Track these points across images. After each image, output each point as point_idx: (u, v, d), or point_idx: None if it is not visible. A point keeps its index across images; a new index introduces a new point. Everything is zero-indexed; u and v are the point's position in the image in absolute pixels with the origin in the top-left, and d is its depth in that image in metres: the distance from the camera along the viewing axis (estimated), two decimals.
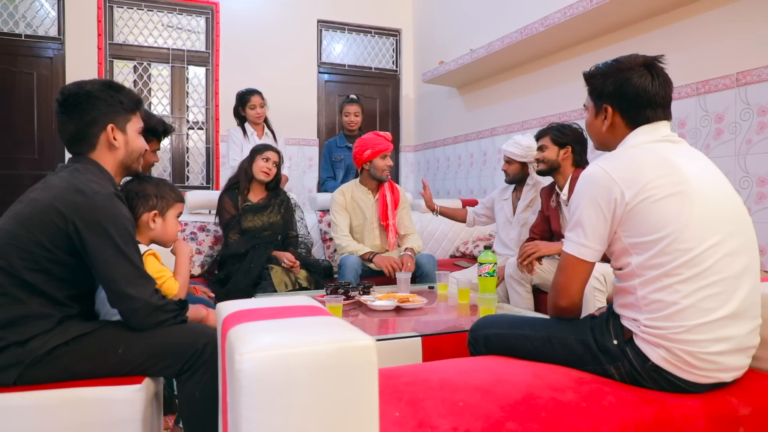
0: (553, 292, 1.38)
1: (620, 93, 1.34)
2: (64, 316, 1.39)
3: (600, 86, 1.38)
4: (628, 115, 1.35)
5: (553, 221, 2.73)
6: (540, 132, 2.77)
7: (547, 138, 2.69)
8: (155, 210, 1.73)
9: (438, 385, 1.20)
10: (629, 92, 1.33)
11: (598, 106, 1.41)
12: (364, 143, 3.17)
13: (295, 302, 1.20)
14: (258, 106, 3.71)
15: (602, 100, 1.38)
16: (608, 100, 1.37)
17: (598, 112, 1.41)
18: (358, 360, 0.90)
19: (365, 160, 3.17)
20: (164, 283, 1.66)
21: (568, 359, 1.35)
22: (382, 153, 3.14)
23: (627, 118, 1.35)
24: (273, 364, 0.85)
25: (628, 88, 1.33)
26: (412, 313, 2.20)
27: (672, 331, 1.17)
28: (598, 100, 1.40)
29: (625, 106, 1.35)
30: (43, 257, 1.33)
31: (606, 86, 1.36)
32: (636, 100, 1.33)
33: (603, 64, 1.40)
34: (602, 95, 1.38)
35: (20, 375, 1.32)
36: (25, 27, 4.57)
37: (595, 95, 1.41)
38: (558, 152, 2.66)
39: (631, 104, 1.33)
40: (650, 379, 1.23)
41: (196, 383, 1.45)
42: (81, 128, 1.49)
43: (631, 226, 1.23)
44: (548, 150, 2.68)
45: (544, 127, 2.77)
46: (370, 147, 3.14)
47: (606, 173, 1.25)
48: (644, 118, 1.33)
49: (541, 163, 2.72)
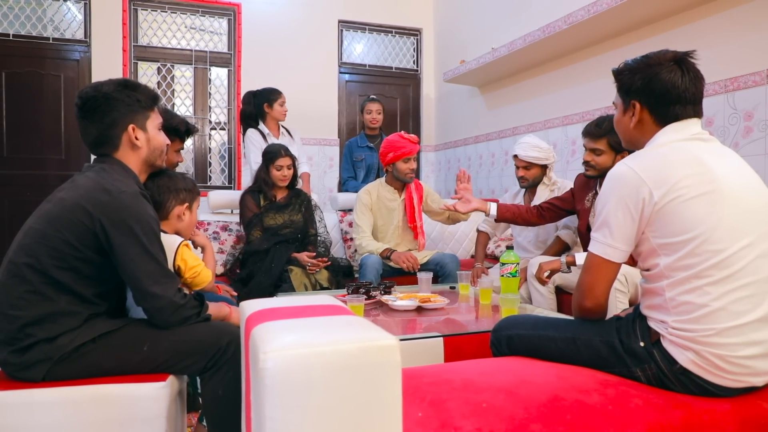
0: (578, 293, 1.36)
1: (648, 88, 1.31)
2: (91, 313, 1.41)
3: (628, 82, 1.35)
4: (656, 112, 1.32)
5: (582, 219, 2.60)
6: (593, 131, 2.42)
7: (604, 142, 2.37)
8: (186, 203, 1.78)
9: (461, 386, 1.19)
10: (657, 88, 1.30)
11: (626, 103, 1.38)
12: (387, 145, 3.16)
13: (318, 301, 1.21)
14: (285, 104, 3.75)
15: (630, 96, 1.35)
16: (636, 96, 1.34)
17: (626, 109, 1.38)
18: (381, 360, 0.89)
19: (388, 162, 3.17)
20: (202, 271, 1.71)
21: (593, 361, 1.33)
22: (404, 156, 3.12)
23: (655, 114, 1.32)
24: (296, 363, 0.85)
25: (656, 83, 1.30)
26: (433, 314, 2.19)
27: (701, 334, 1.14)
28: (626, 96, 1.37)
29: (653, 102, 1.32)
30: (71, 255, 1.36)
31: (634, 82, 1.33)
32: (665, 95, 1.30)
33: (632, 60, 1.37)
34: (630, 91, 1.35)
35: (48, 371, 1.35)
36: (53, 30, 4.66)
37: (624, 91, 1.38)
38: (614, 158, 2.38)
39: (660, 100, 1.30)
40: (678, 383, 1.20)
41: (219, 381, 1.47)
42: (102, 131, 1.51)
43: (659, 226, 1.20)
44: (604, 155, 2.39)
45: (597, 125, 2.41)
46: (392, 150, 3.12)
47: (634, 172, 1.23)
48: (673, 115, 1.30)
49: (590, 168, 2.44)
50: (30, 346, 1.34)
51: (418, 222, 3.23)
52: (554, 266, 2.51)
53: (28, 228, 1.40)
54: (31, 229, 1.38)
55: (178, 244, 1.65)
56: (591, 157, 2.43)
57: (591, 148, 2.42)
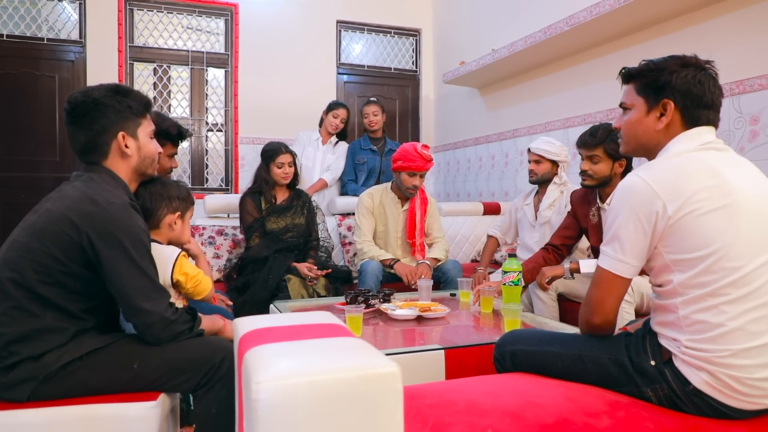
0: (586, 308, 1.30)
1: (686, 89, 1.24)
2: (78, 329, 1.36)
3: (664, 80, 1.27)
4: (688, 114, 1.26)
5: (593, 236, 2.50)
6: (586, 140, 2.38)
7: (600, 149, 2.32)
8: (178, 212, 1.72)
9: (464, 408, 1.14)
10: (696, 90, 1.24)
11: (653, 101, 1.29)
12: (401, 151, 3.03)
13: (315, 319, 1.15)
14: (339, 118, 3.96)
15: (663, 94, 1.27)
16: (671, 95, 1.26)
17: (651, 109, 1.30)
18: (382, 388, 0.84)
19: (395, 168, 3.06)
20: (203, 280, 1.67)
21: (601, 379, 1.28)
22: (411, 170, 2.99)
23: (687, 117, 1.26)
24: (291, 394, 0.80)
25: (695, 85, 1.24)
26: (434, 323, 2.14)
27: (716, 355, 1.09)
28: (656, 94, 1.28)
29: (689, 104, 1.25)
30: (56, 270, 1.30)
31: (671, 80, 1.25)
32: (701, 98, 1.24)
33: (658, 60, 1.31)
34: (664, 89, 1.27)
35: (33, 391, 1.29)
36: (48, 31, 4.59)
37: (653, 89, 1.29)
38: (612, 166, 2.34)
39: (696, 102, 1.25)
40: (691, 404, 1.15)
41: (213, 399, 1.42)
42: (91, 138, 1.45)
43: (673, 241, 1.15)
44: (601, 163, 2.33)
45: (591, 134, 2.38)
46: (402, 159, 3.00)
47: (647, 184, 1.17)
48: (705, 119, 1.25)
49: (588, 177, 2.38)
50: (14, 364, 1.29)
51: (417, 239, 3.11)
52: (557, 273, 2.47)
53: (12, 241, 1.34)
54: (15, 242, 1.33)
55: (177, 255, 1.60)
56: (588, 166, 2.37)
57: (588, 156, 2.37)
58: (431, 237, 3.21)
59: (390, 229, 3.17)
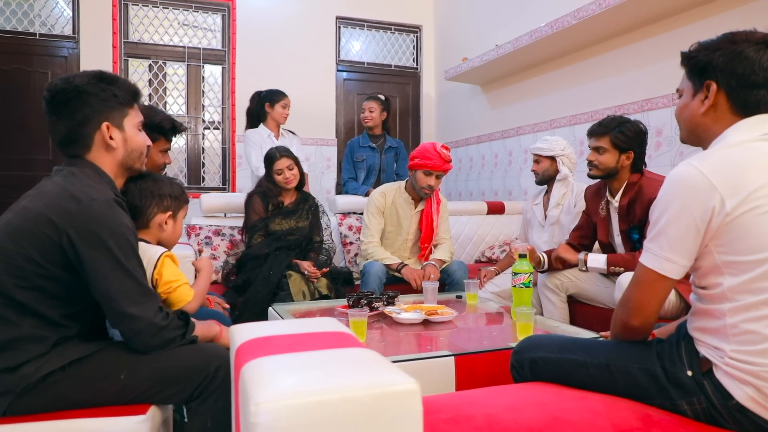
0: (623, 309, 1.18)
1: (730, 67, 1.11)
2: (60, 337, 1.24)
3: (705, 59, 1.15)
4: (735, 96, 1.12)
5: (601, 231, 2.45)
6: (595, 130, 2.35)
7: (606, 139, 2.29)
8: (170, 211, 1.59)
9: (484, 424, 1.03)
10: (740, 67, 1.10)
11: (697, 84, 1.17)
12: (420, 149, 2.93)
13: (320, 327, 1.04)
14: (288, 107, 3.69)
15: (705, 75, 1.15)
16: (713, 75, 1.14)
17: (696, 91, 1.18)
18: (399, 408, 0.74)
19: (411, 166, 2.96)
20: (178, 288, 1.48)
21: (630, 390, 1.17)
22: (427, 168, 2.88)
23: (734, 99, 1.12)
24: (295, 416, 0.69)
25: (740, 61, 1.10)
26: (441, 327, 2.03)
27: (766, 369, 0.98)
28: (698, 76, 1.17)
29: (734, 84, 1.11)
30: (34, 273, 1.19)
31: (712, 58, 1.13)
32: (749, 77, 1.10)
33: (709, 40, 1.18)
34: (706, 69, 1.15)
35: (10, 405, 1.18)
36: (40, 26, 4.49)
37: (696, 71, 1.17)
38: (618, 157, 2.29)
39: (742, 82, 1.11)
40: (732, 420, 1.04)
41: (208, 411, 1.31)
42: (72, 128, 1.33)
43: (728, 240, 1.03)
44: (606, 154, 2.29)
45: (599, 123, 2.35)
46: (420, 156, 2.89)
47: (703, 176, 1.04)
48: (755, 103, 1.11)
49: (594, 167, 2.34)
50: None
51: (430, 244, 3.03)
52: (570, 256, 2.41)
53: None
54: None
55: (159, 255, 1.48)
56: (594, 156, 2.36)
57: (594, 147, 2.36)
58: (438, 237, 3.11)
59: (399, 232, 3.06)
